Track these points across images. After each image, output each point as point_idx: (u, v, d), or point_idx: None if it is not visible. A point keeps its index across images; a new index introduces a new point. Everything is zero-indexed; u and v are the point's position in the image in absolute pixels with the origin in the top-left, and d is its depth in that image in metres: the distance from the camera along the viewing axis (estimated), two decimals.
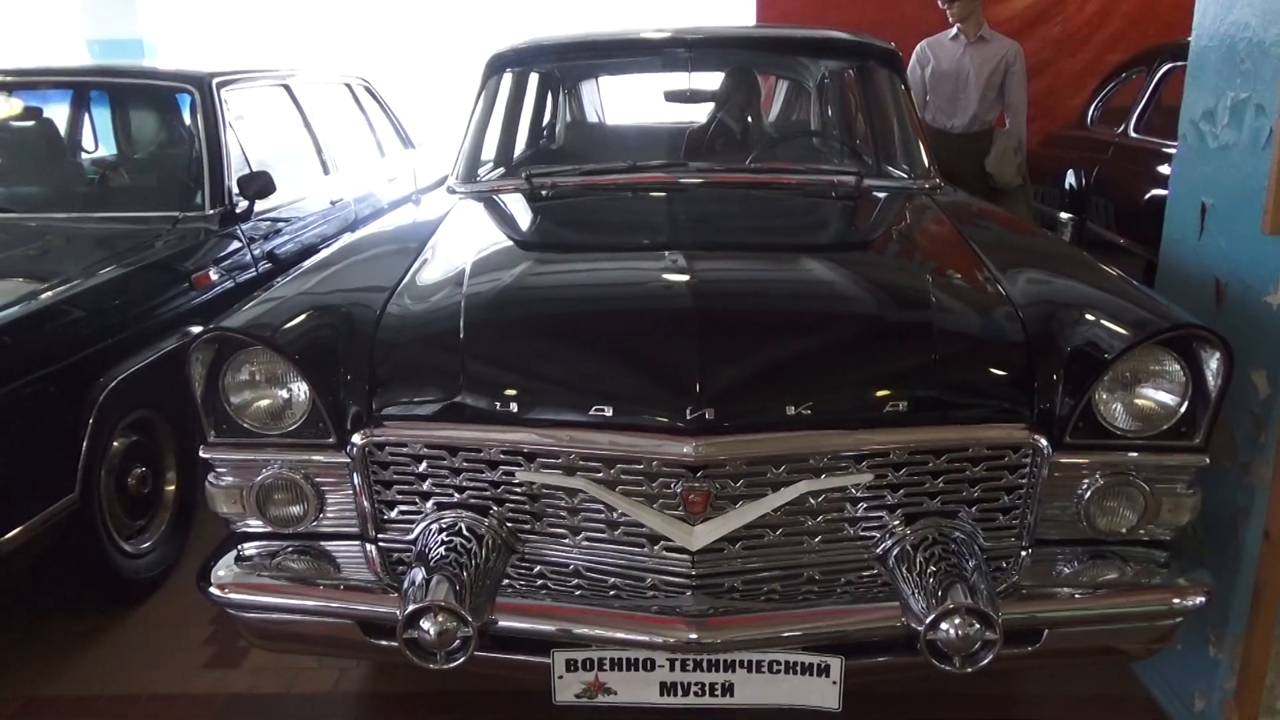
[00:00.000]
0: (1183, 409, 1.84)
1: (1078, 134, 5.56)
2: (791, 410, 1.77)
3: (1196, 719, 2.26)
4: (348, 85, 5.24)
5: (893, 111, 3.21)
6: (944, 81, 5.09)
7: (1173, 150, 4.46)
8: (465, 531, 1.88)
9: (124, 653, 2.65)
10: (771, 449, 1.76)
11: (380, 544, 1.98)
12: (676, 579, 1.85)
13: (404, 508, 1.95)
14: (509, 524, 1.92)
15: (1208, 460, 1.86)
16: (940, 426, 1.82)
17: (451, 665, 1.73)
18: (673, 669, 1.80)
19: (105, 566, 2.71)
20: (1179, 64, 4.30)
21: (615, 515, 1.85)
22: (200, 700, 2.45)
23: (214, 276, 3.22)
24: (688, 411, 1.75)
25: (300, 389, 1.90)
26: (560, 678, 1.81)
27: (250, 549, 2.01)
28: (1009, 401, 1.85)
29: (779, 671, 1.79)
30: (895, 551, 1.85)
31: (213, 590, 1.94)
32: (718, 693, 1.81)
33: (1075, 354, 1.84)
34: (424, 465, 1.90)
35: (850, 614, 1.78)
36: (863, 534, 1.88)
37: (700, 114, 3.69)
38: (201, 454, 1.96)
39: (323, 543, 2.01)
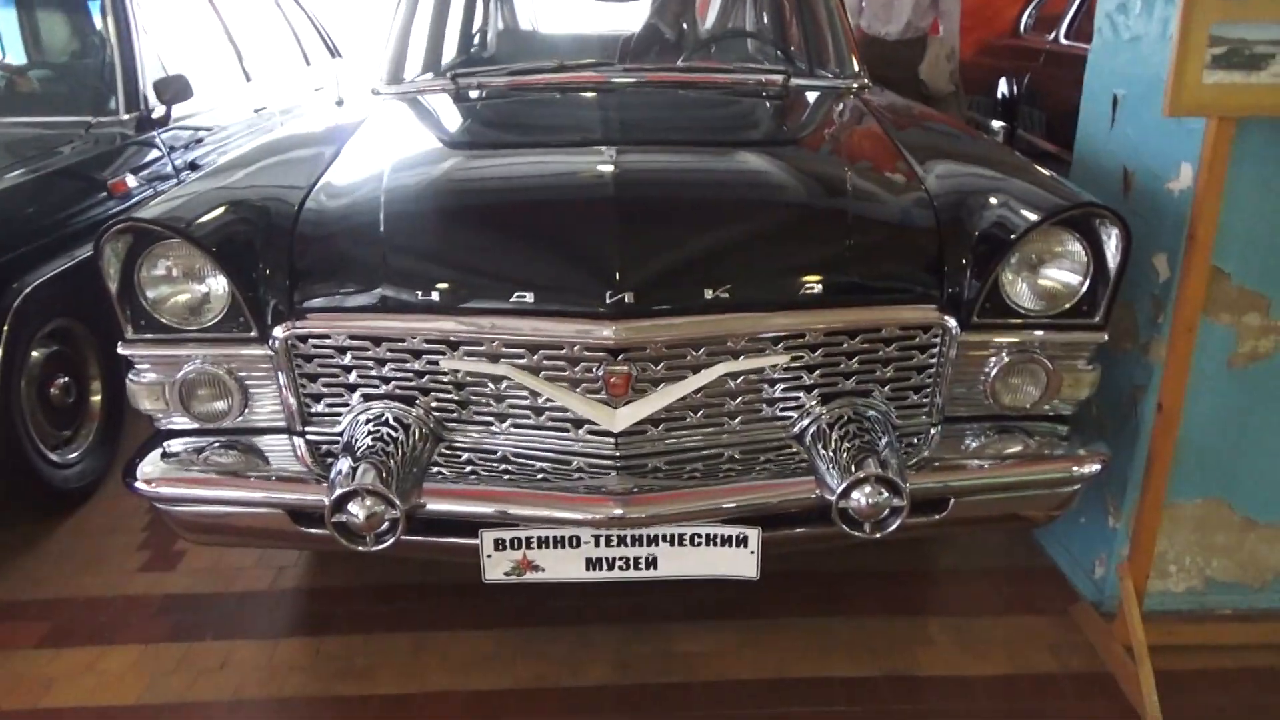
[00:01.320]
0: (1084, 288, 1.92)
1: (1011, 43, 5.60)
2: (709, 294, 1.81)
3: (1097, 584, 2.41)
4: None
5: (822, 13, 3.21)
6: None
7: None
8: (392, 421, 1.90)
9: (56, 559, 2.65)
10: (690, 332, 1.80)
11: (308, 437, 1.99)
12: (601, 461, 1.90)
13: (330, 400, 1.96)
14: (435, 413, 1.94)
15: (1106, 337, 1.95)
16: (854, 308, 1.87)
17: (380, 548, 1.77)
18: (598, 545, 1.86)
19: (32, 477, 2.68)
20: None
21: (540, 401, 1.89)
22: (136, 601, 2.47)
23: (132, 183, 3.13)
24: (607, 296, 1.77)
25: (218, 283, 1.89)
26: (489, 556, 1.86)
27: (176, 445, 2.01)
28: (920, 284, 1.90)
29: (700, 544, 1.86)
30: (811, 430, 1.92)
31: (139, 485, 1.94)
32: (641, 566, 1.88)
33: (982, 237, 1.89)
34: (348, 357, 1.91)
35: (766, 488, 1.85)
36: (780, 415, 1.95)
37: (637, 23, 3.64)
38: (120, 350, 1.94)
39: (251, 438, 2.02)
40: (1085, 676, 2.18)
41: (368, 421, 1.91)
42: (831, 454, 1.83)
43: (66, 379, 2.85)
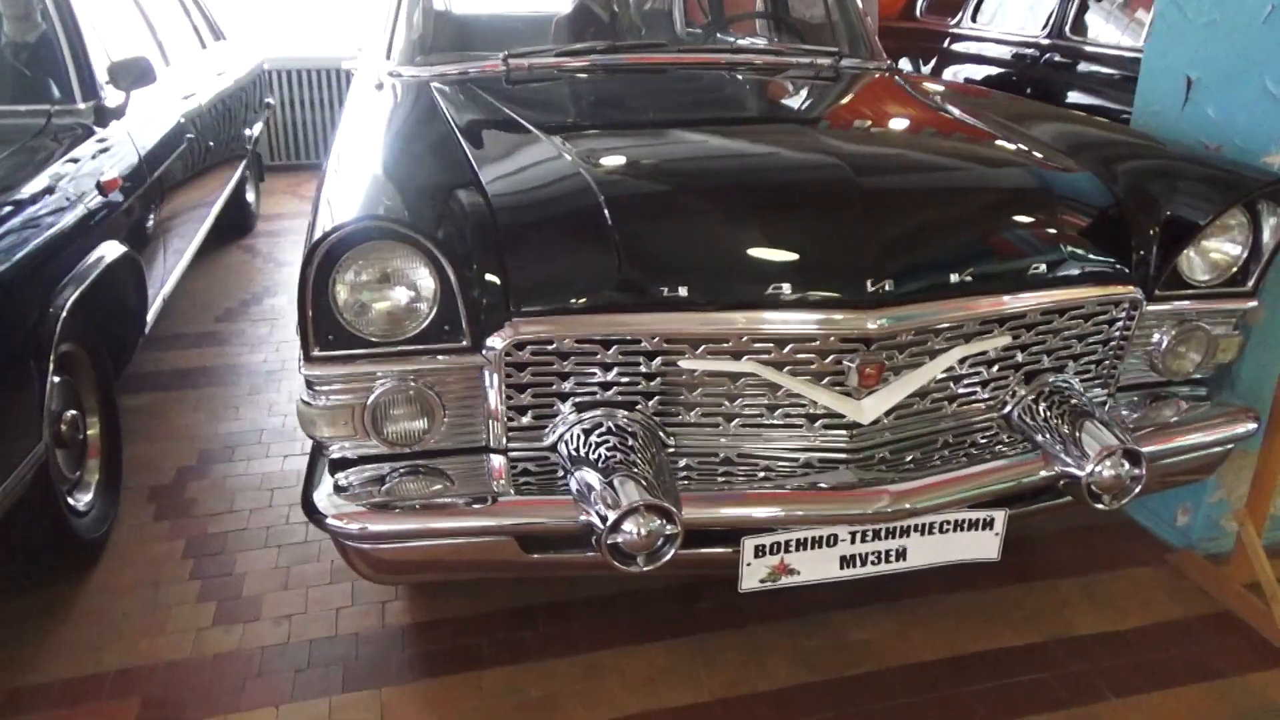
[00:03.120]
0: (1242, 259, 2.06)
1: (910, 25, 5.86)
2: (954, 278, 1.80)
3: (1182, 532, 2.60)
4: None
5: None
6: None
7: (1007, 39, 4.88)
8: (620, 430, 1.76)
9: (110, 624, 2.27)
10: (944, 317, 1.78)
11: (510, 454, 1.81)
12: (833, 455, 1.85)
13: (537, 412, 1.79)
14: (656, 417, 1.82)
15: (1256, 303, 2.10)
16: (1068, 287, 1.91)
17: (652, 567, 1.64)
18: (854, 542, 1.81)
19: (62, 526, 2.28)
20: None
21: (775, 397, 1.81)
22: (231, 659, 2.16)
23: (122, 182, 2.70)
24: (868, 285, 1.73)
25: (428, 287, 1.67)
26: (748, 565, 1.77)
27: (350, 476, 1.77)
28: (1114, 263, 1.97)
29: (948, 531, 1.85)
30: (1018, 410, 1.95)
31: (338, 523, 1.69)
32: (892, 559, 1.85)
33: (1171, 219, 1.98)
34: (569, 363, 1.75)
35: (1014, 468, 1.86)
36: (988, 397, 1.96)
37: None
38: (304, 371, 1.68)
39: (435, 460, 1.81)
40: (1210, 618, 2.35)
41: (590, 432, 1.76)
42: (1056, 430, 1.87)
43: (74, 412, 2.43)
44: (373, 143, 2.17)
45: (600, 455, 1.70)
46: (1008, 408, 1.97)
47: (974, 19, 5.25)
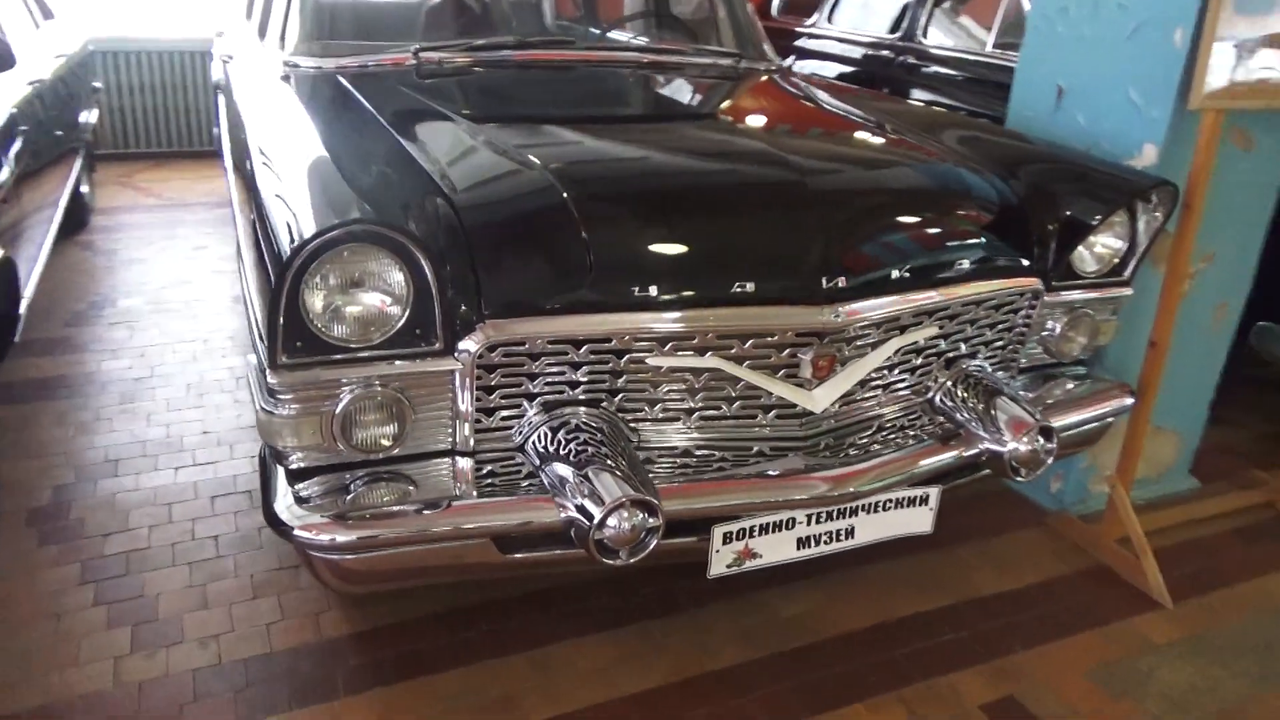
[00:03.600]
0: (1123, 251, 2.30)
1: (768, 24, 6.06)
2: (895, 274, 1.93)
3: (1056, 497, 2.88)
4: None
5: None
6: None
7: (859, 40, 5.15)
8: (589, 426, 1.79)
9: (8, 661, 2.08)
10: (891, 311, 1.91)
11: (477, 457, 1.80)
12: (785, 443, 1.94)
13: (505, 414, 1.79)
14: (621, 413, 1.86)
15: (1131, 291, 2.36)
16: (987, 280, 2.09)
17: (635, 559, 1.68)
18: (809, 523, 1.91)
19: None
20: None
21: (733, 390, 1.89)
22: (158, 687, 2.04)
23: None
24: (823, 281, 1.83)
25: (401, 291, 1.64)
26: (717, 551, 1.84)
27: (312, 486, 1.72)
28: (1021, 256, 2.16)
29: (889, 508, 1.99)
30: (940, 393, 2.12)
31: (306, 534, 1.64)
32: (842, 538, 1.96)
33: (1066, 218, 2.19)
34: (538, 363, 1.76)
35: (943, 449, 2.01)
36: (914, 383, 2.11)
37: None
38: (270, 380, 1.62)
39: (398, 466, 1.78)
40: (1091, 572, 2.62)
41: (561, 429, 1.78)
42: (976, 411, 2.04)
43: None
44: (305, 140, 2.08)
45: (573, 451, 1.72)
46: (930, 393, 2.13)
47: (830, 20, 5.52)
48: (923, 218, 2.07)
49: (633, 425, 1.88)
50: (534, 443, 1.79)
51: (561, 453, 1.73)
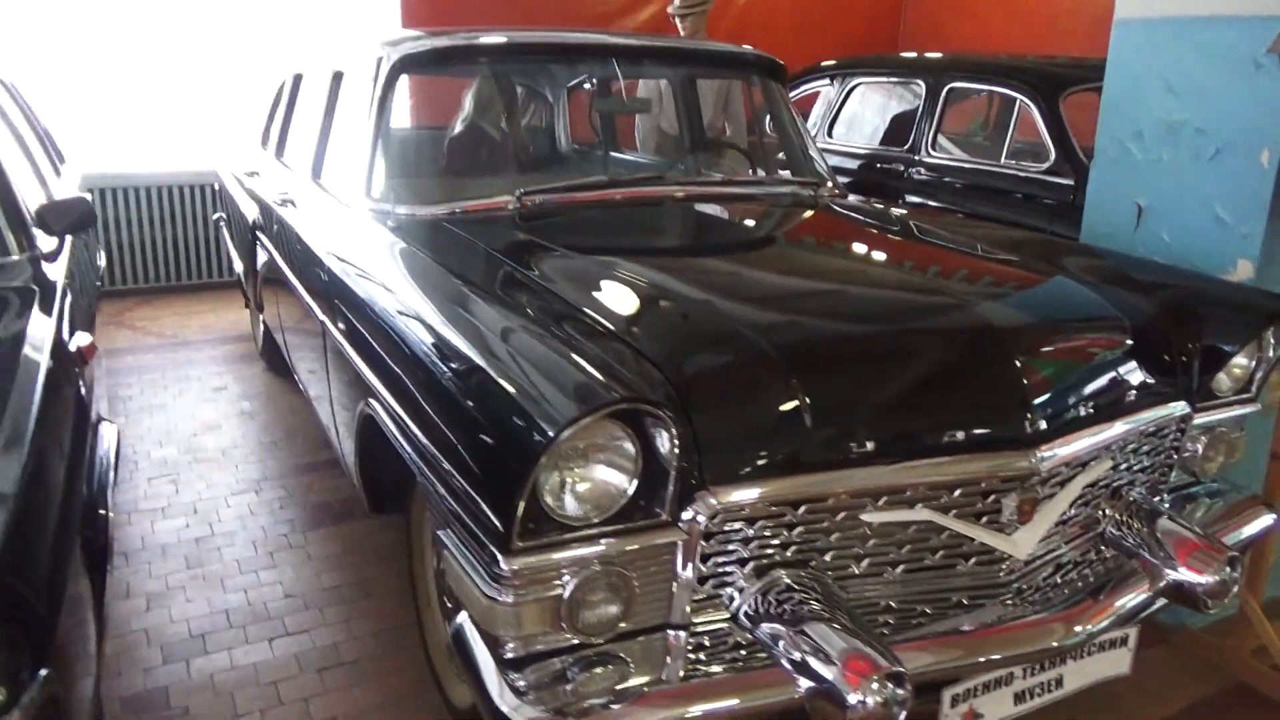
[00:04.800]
0: (1253, 369, 2.34)
1: None
2: (1082, 411, 1.92)
3: (1173, 612, 2.83)
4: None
5: (798, 121, 3.43)
6: None
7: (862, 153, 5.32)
8: (806, 587, 1.72)
9: None
10: (1084, 448, 1.89)
11: (693, 628, 1.71)
12: (986, 590, 1.89)
13: (718, 581, 1.71)
14: (829, 571, 1.79)
15: (1259, 407, 2.39)
16: (1149, 408, 2.09)
17: None
18: (1025, 676, 1.85)
19: None
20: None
21: (937, 540, 1.84)
22: None
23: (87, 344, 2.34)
24: (1026, 425, 1.81)
25: (632, 462, 1.57)
26: (945, 715, 1.76)
27: (528, 676, 1.60)
28: (1171, 383, 2.18)
29: (1093, 653, 1.94)
30: (1111, 526, 2.09)
31: None
32: (1052, 688, 1.90)
33: (1209, 340, 2.22)
34: (754, 527, 1.69)
35: (1140, 586, 1.98)
36: (1088, 518, 2.08)
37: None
38: (502, 566, 1.52)
39: (613, 646, 1.67)
40: (1232, 691, 2.58)
41: (774, 592, 1.71)
42: (1154, 542, 2.02)
43: None
44: (466, 302, 2.01)
45: (798, 615, 1.65)
46: (1100, 526, 2.10)
47: (829, 134, 5.69)
48: (1096, 350, 2.08)
49: (839, 582, 1.81)
50: (750, 608, 1.70)
51: (786, 617, 1.65)
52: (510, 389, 1.60)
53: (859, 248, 2.64)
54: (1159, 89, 2.78)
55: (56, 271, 2.49)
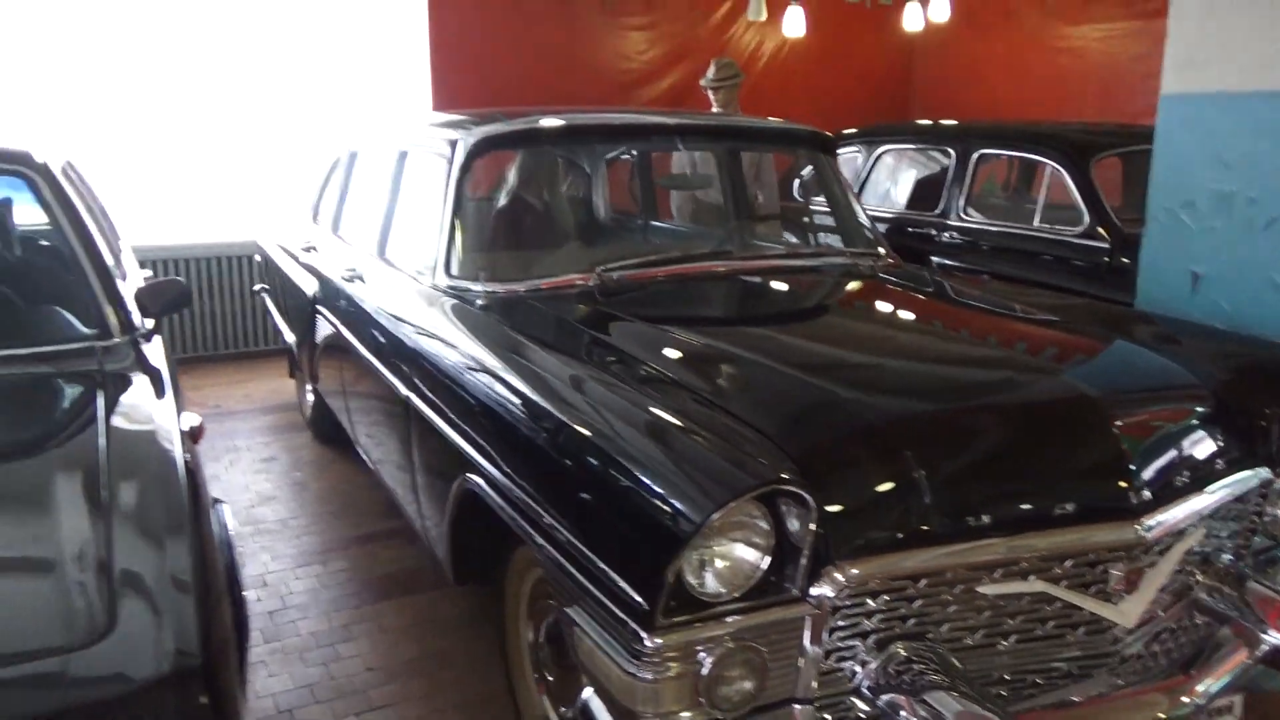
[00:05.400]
0: None
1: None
2: (1180, 480, 1.98)
3: None
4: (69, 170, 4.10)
5: (849, 191, 3.54)
6: None
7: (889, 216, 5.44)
8: (925, 659, 1.76)
9: None
10: (1186, 516, 1.94)
11: (817, 702, 1.74)
12: (1094, 660, 1.93)
13: (841, 654, 1.75)
14: (945, 643, 1.83)
15: None
16: (1237, 473, 2.15)
17: None
18: None
19: None
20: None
21: (1048, 610, 1.88)
22: None
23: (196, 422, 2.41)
24: (1131, 495, 1.86)
25: (767, 539, 1.63)
26: None
27: None
28: (1252, 448, 2.24)
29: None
30: (1203, 592, 2.14)
31: None
32: None
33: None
34: (877, 601, 1.74)
35: (1243, 651, 2.02)
36: (1180, 586, 2.13)
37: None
38: (646, 644, 1.56)
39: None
40: None
41: (895, 664, 1.75)
42: (1250, 607, 2.06)
43: None
44: (578, 382, 2.08)
45: (923, 686, 1.69)
46: (1193, 592, 2.15)
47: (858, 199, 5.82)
48: (1183, 417, 2.14)
49: (954, 654, 1.84)
50: (871, 681, 1.74)
51: (906, 687, 1.69)
52: (653, 473, 1.66)
53: (935, 317, 2.72)
54: (1209, 161, 2.89)
55: (156, 352, 2.56)
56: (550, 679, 2.32)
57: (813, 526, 1.62)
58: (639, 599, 1.58)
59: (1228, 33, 2.85)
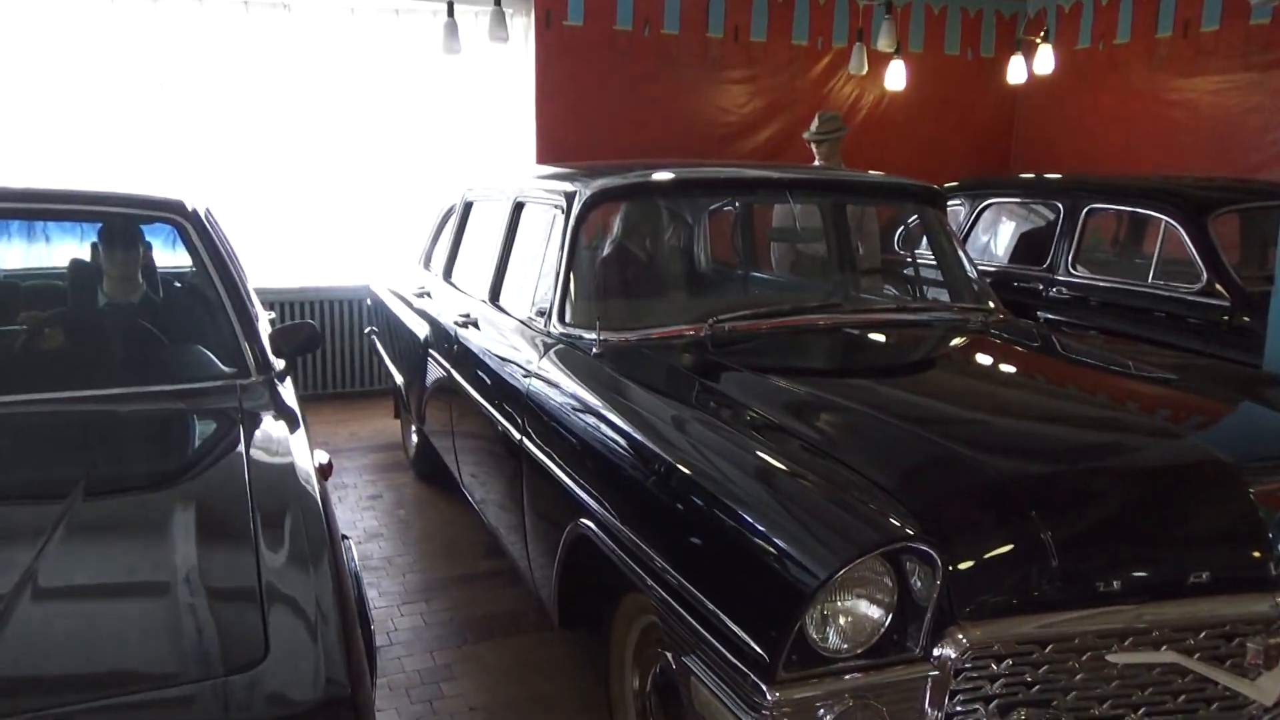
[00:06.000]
0: None
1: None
2: None
3: None
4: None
5: (957, 245, 3.52)
6: None
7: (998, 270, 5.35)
8: None
9: None
10: None
11: None
12: None
13: (963, 717, 1.72)
14: (1071, 712, 1.78)
15: None
16: None
17: None
18: None
19: None
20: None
21: (1181, 683, 1.82)
22: None
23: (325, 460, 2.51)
24: (1270, 566, 1.80)
25: (889, 596, 1.62)
26: None
27: None
28: None
29: None
30: None
31: None
32: None
33: None
34: (1001, 665, 1.71)
35: None
36: None
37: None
38: (767, 697, 1.57)
39: None
40: None
41: None
42: None
43: None
44: (698, 431, 2.12)
45: None
46: None
47: None
48: None
49: None
50: None
51: None
52: (778, 527, 1.68)
53: (1054, 375, 2.68)
54: None
55: (289, 392, 2.69)
56: None
57: (938, 583, 1.61)
58: (760, 651, 1.59)
59: None
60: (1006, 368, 2.79)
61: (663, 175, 3.22)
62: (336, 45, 6.41)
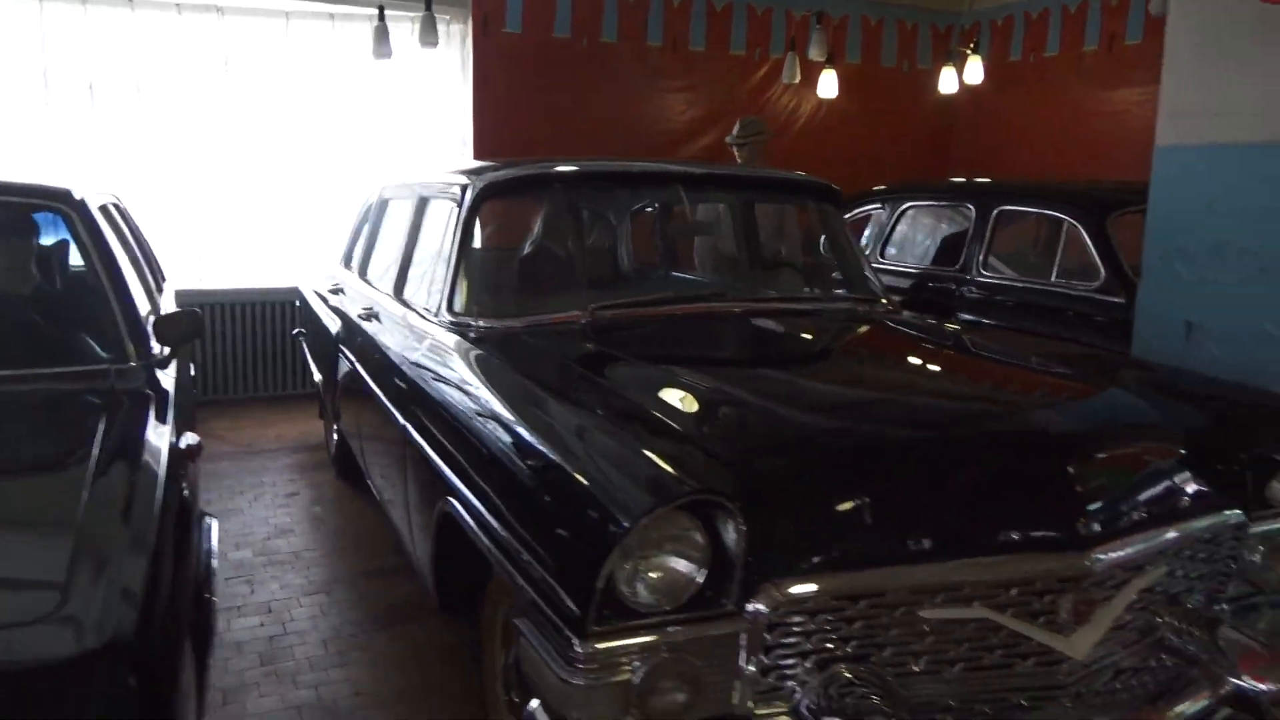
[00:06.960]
0: None
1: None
2: (1136, 517, 1.98)
3: None
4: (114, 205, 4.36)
5: (852, 241, 3.61)
6: None
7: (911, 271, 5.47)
8: (868, 683, 1.77)
9: None
10: (1140, 551, 1.94)
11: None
12: (1044, 691, 1.92)
13: (780, 673, 1.78)
14: (889, 668, 1.84)
15: None
16: (1205, 515, 2.14)
17: None
18: None
19: None
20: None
21: (994, 639, 1.88)
22: None
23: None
24: (1080, 528, 1.87)
25: (702, 553, 1.68)
26: None
27: None
28: (1226, 492, 2.23)
29: None
30: (1169, 632, 2.11)
31: None
32: None
33: (1260, 449, 2.27)
34: (815, 620, 1.77)
35: (1201, 693, 1.99)
36: (1142, 624, 2.11)
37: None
38: (576, 649, 1.62)
39: None
40: None
41: (837, 686, 1.77)
42: (1212, 649, 2.04)
43: None
44: (541, 404, 2.17)
45: (864, 711, 1.71)
46: (1157, 632, 2.12)
47: (882, 255, 5.88)
48: (1149, 458, 2.15)
49: (900, 680, 1.86)
50: (811, 702, 1.76)
51: (848, 711, 1.72)
52: (587, 482, 1.73)
53: (914, 359, 2.77)
54: (1202, 211, 2.92)
55: (167, 378, 2.71)
56: (518, 700, 2.36)
57: (744, 542, 1.67)
58: (572, 605, 1.64)
59: (1220, 86, 2.89)
60: (873, 352, 2.88)
61: (553, 168, 3.28)
62: (270, 50, 6.44)
